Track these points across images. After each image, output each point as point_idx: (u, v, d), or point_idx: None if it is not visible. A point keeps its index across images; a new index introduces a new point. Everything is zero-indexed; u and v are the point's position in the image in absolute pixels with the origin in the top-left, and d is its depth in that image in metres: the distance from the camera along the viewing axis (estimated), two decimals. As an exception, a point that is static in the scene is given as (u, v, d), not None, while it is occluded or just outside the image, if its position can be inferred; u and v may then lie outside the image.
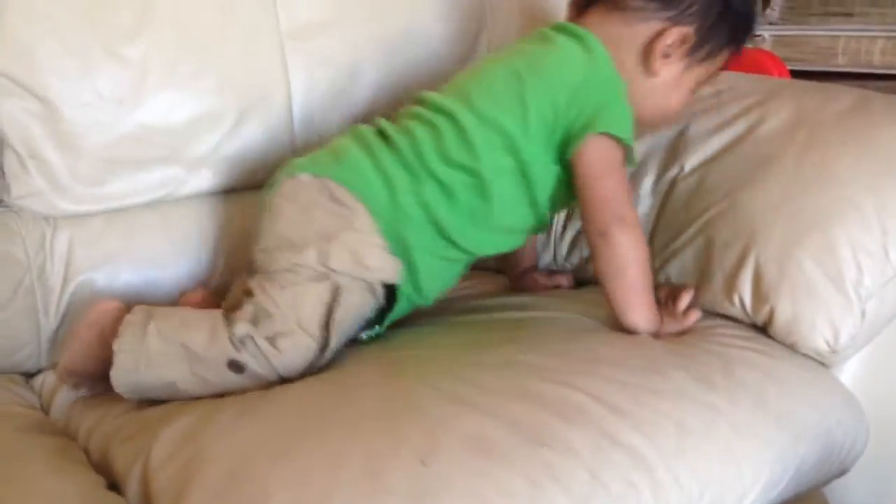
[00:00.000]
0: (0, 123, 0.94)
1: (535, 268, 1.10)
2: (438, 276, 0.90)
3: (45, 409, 0.91)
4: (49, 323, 0.97)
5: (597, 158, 0.84)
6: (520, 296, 1.05)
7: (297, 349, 0.78)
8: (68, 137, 0.96)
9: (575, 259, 1.11)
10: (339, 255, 0.81)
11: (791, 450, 0.76)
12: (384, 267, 0.83)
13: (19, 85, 0.93)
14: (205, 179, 1.05)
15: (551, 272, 1.09)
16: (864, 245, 0.86)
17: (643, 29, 0.87)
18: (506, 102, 0.86)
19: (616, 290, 0.85)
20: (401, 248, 0.84)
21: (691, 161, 1.01)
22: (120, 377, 0.79)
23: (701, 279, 0.94)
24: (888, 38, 1.29)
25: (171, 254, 1.03)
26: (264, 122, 1.06)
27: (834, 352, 0.87)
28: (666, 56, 0.87)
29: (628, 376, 0.76)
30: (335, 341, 0.81)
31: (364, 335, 0.87)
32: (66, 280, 0.98)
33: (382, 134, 0.89)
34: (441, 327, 0.93)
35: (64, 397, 0.90)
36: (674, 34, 0.86)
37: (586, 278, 1.06)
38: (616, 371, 0.77)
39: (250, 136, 1.05)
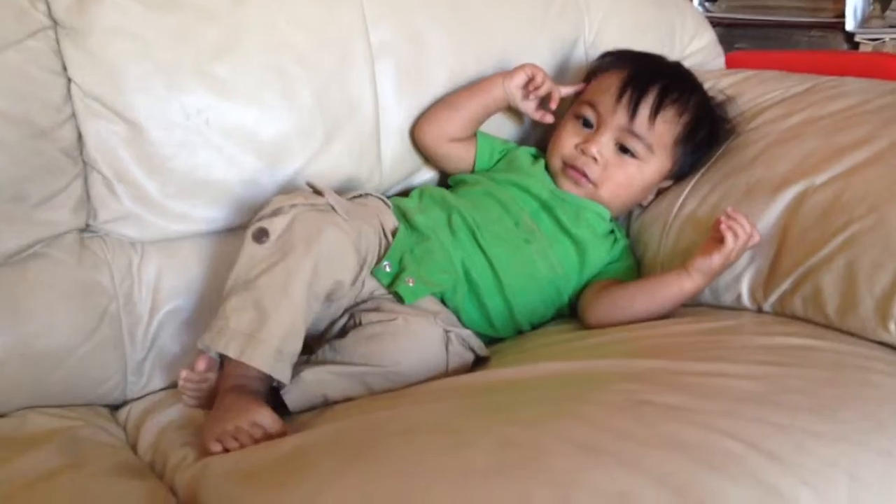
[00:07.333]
0: (87, 147, 0.91)
1: None
2: None
3: (132, 443, 0.87)
4: (136, 353, 0.93)
5: None
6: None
7: None
8: (155, 159, 0.92)
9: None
10: None
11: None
12: None
13: (106, 107, 0.90)
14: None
15: None
16: None
17: None
18: None
19: None
20: None
21: (824, 174, 0.91)
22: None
23: (844, 303, 0.85)
24: None
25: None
26: (351, 141, 1.01)
27: None
28: None
29: (781, 416, 0.67)
30: None
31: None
32: (153, 308, 0.94)
33: None
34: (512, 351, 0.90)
35: (149, 430, 0.87)
36: None
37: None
38: (764, 410, 0.68)
39: (338, 154, 1.01)
